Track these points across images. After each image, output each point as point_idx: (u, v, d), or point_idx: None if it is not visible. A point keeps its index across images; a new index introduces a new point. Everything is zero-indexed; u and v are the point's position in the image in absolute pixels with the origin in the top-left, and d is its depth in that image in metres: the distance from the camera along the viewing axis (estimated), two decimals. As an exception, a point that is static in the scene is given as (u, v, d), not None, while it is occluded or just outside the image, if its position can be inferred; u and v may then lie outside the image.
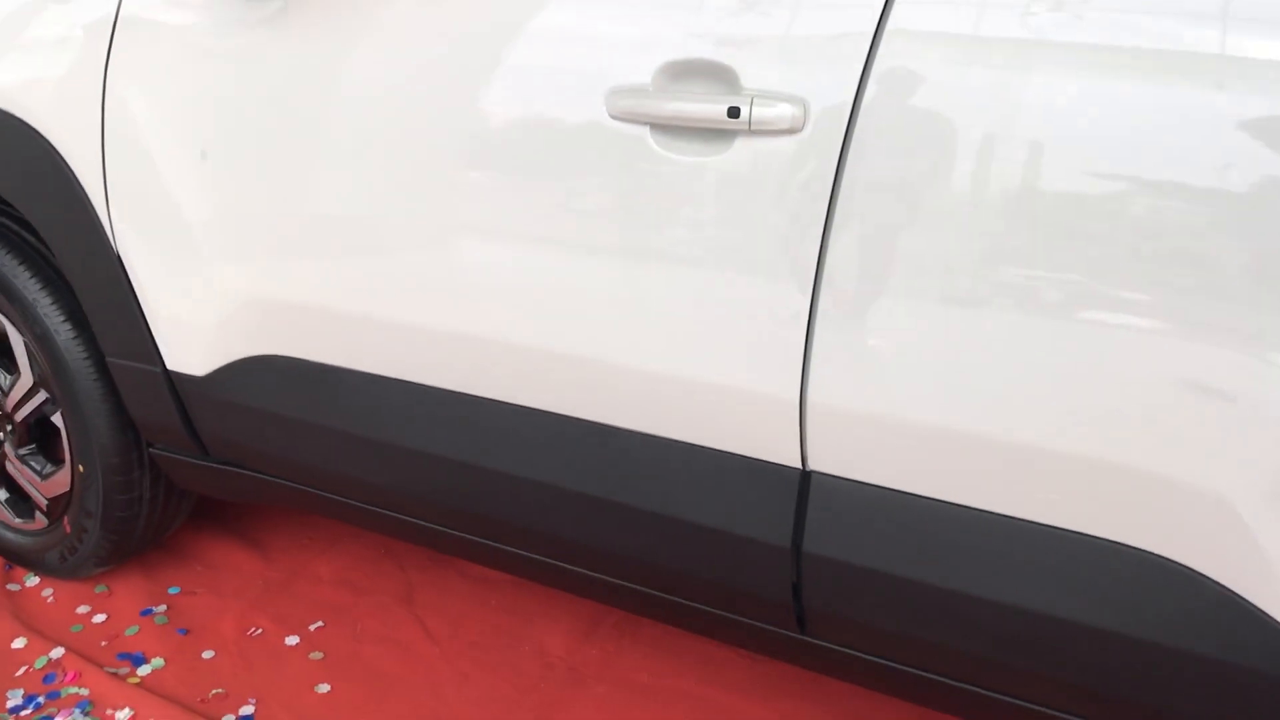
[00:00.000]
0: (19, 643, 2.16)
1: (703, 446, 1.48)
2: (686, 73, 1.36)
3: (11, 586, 2.34)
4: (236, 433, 1.92)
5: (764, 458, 1.45)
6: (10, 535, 2.34)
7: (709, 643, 2.13)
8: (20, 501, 2.31)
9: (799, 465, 1.43)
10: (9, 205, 2.06)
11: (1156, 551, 1.26)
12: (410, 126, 1.58)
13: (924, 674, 1.50)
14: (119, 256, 1.87)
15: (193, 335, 1.87)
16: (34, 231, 2.06)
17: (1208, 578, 1.23)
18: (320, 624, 2.22)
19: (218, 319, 1.83)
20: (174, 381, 1.93)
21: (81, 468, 2.12)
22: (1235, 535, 1.20)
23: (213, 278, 1.81)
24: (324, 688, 2.06)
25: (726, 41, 1.35)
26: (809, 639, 1.56)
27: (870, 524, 1.41)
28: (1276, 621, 1.19)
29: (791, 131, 1.31)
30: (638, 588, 1.68)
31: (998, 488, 1.32)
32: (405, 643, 2.17)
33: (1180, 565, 1.24)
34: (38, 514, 2.27)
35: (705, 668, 2.09)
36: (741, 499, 1.47)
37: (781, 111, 1.31)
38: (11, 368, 2.18)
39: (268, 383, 1.83)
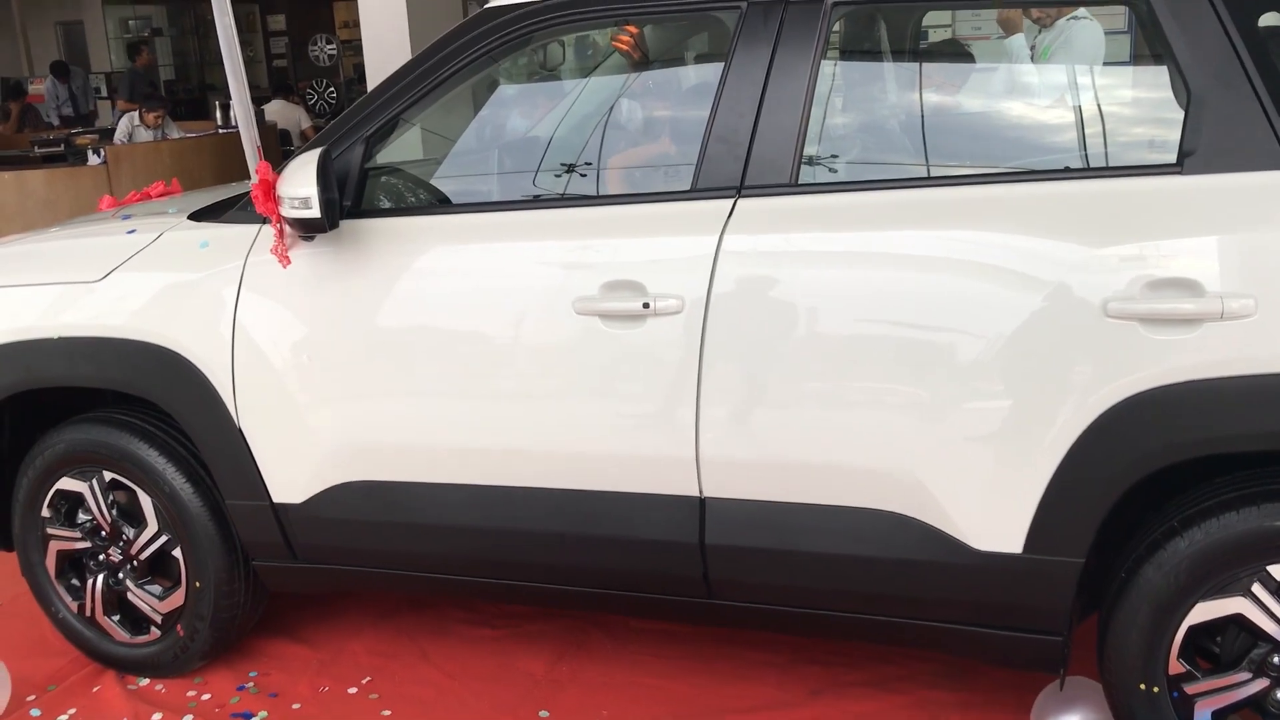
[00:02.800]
0: (156, 716, 3.04)
1: (646, 493, 2.61)
2: (618, 285, 2.54)
3: (130, 687, 3.21)
4: (326, 538, 2.93)
5: (679, 493, 2.59)
6: (125, 651, 3.21)
7: (650, 651, 3.20)
8: (134, 623, 3.20)
9: (698, 494, 2.57)
10: (144, 407, 3.04)
11: (892, 509, 2.45)
12: (444, 330, 2.70)
13: (787, 609, 2.63)
14: (240, 430, 2.89)
15: (294, 476, 2.89)
16: (161, 423, 3.04)
17: (912, 517, 2.43)
18: (369, 678, 3.19)
19: (312, 464, 2.86)
20: (277, 510, 2.93)
21: (198, 584, 3.06)
22: (924, 496, 2.41)
23: (309, 438, 2.84)
24: (386, 712, 3.02)
25: (637, 265, 2.55)
26: (717, 601, 2.67)
27: (742, 521, 2.55)
28: (937, 528, 2.39)
29: (677, 313, 2.50)
30: (609, 592, 2.77)
31: (810, 487, 2.49)
32: (432, 681, 3.16)
33: (900, 513, 2.44)
34: (152, 629, 3.17)
35: (652, 665, 3.15)
36: (670, 518, 2.60)
37: (670, 303, 2.50)
38: (138, 522, 3.11)
39: (350, 500, 2.86)
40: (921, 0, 2.72)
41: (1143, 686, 2.38)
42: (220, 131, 9.98)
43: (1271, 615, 2.28)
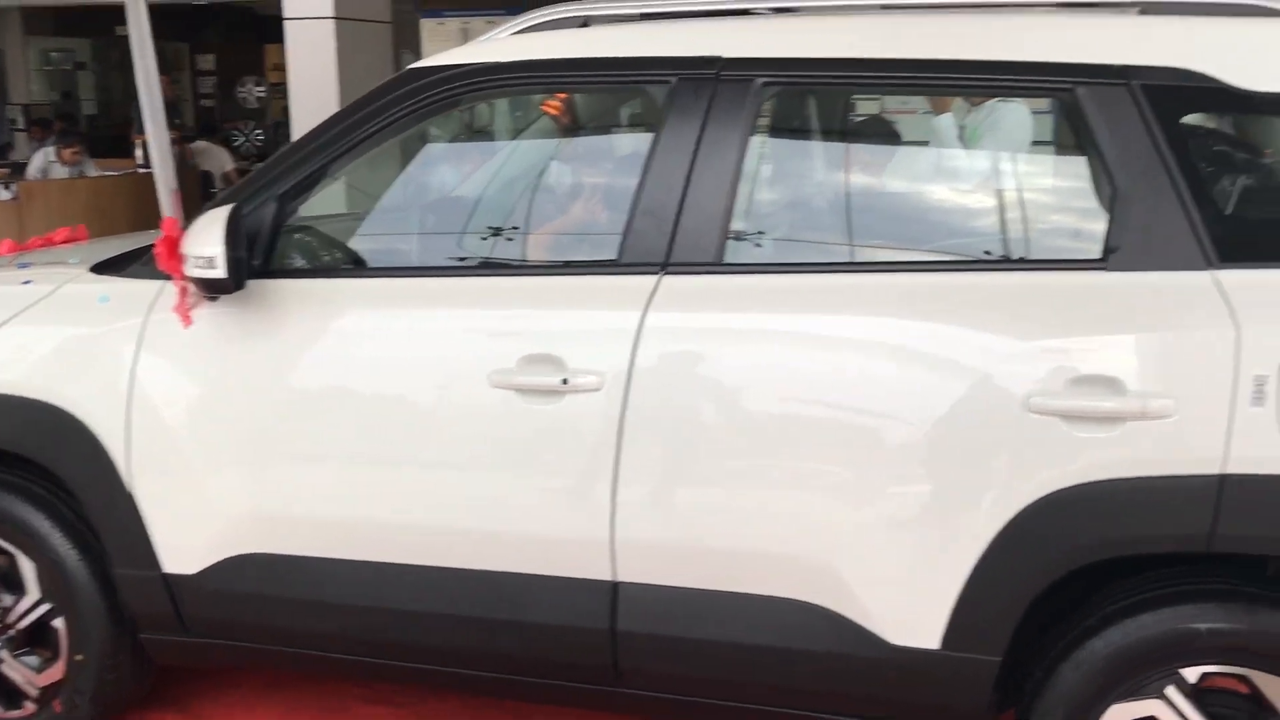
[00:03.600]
0: (28, 798, 2.84)
1: (557, 576, 2.51)
2: (536, 359, 2.46)
3: (2, 764, 3.00)
4: (219, 612, 2.78)
5: (591, 576, 2.49)
6: (-5, 726, 3.02)
7: None
8: (7, 696, 3.00)
9: (611, 578, 2.48)
10: (30, 468, 2.87)
11: (808, 599, 2.38)
12: (352, 400, 2.59)
13: (698, 700, 2.54)
14: (131, 495, 2.74)
15: (187, 546, 2.74)
16: (49, 487, 2.87)
17: (828, 608, 2.36)
18: (257, 764, 3.03)
19: (207, 533, 2.72)
20: (169, 581, 2.77)
21: (80, 656, 2.88)
22: (841, 587, 2.35)
23: (206, 507, 2.70)
24: (276, 797, 2.86)
25: (556, 339, 2.47)
26: (625, 690, 2.58)
27: (656, 607, 2.47)
28: (852, 620, 2.33)
29: (596, 390, 2.43)
30: (514, 677, 2.65)
31: (726, 573, 2.41)
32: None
33: (815, 604, 2.37)
34: (26, 703, 2.97)
35: None
36: (581, 603, 2.50)
37: (588, 379, 2.43)
38: (17, 589, 2.93)
39: (247, 573, 2.72)
40: (849, 84, 2.69)
41: (1058, 788, 2.33)
42: (140, 170, 9.76)
43: (1183, 718, 2.25)
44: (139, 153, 10.21)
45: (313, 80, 7.03)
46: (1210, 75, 2.26)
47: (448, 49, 10.22)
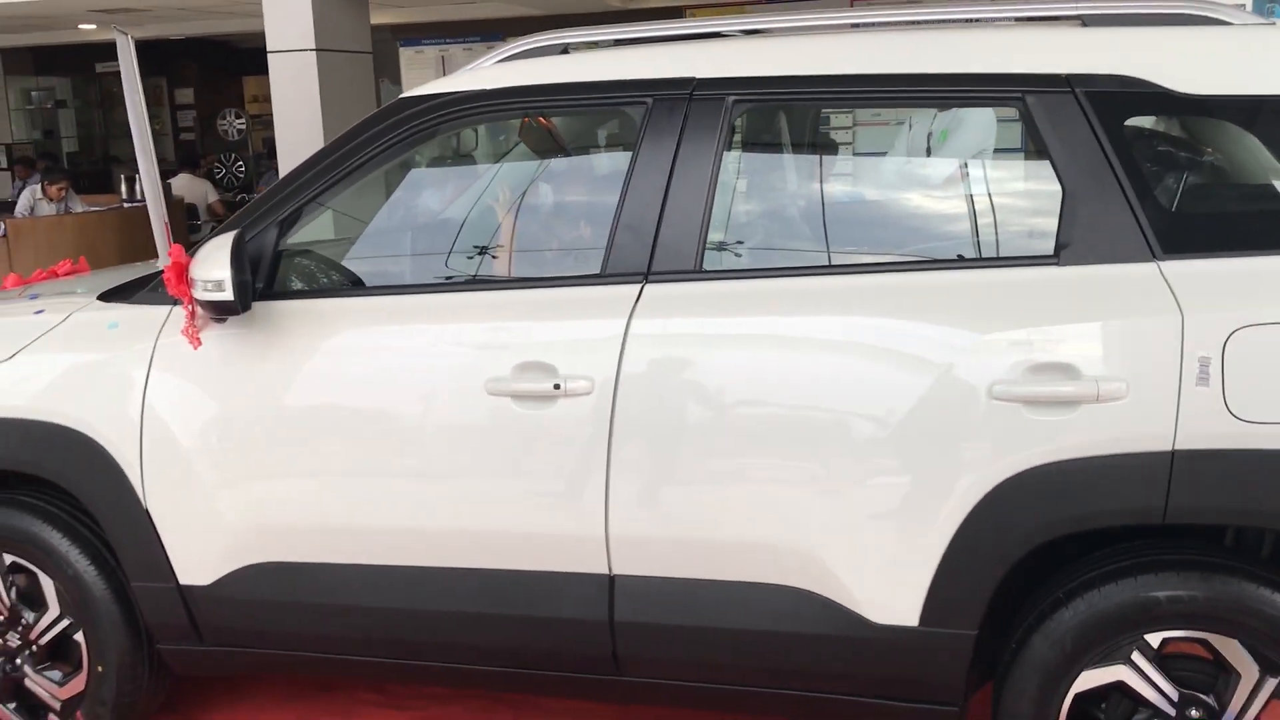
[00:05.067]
0: (53, 807, 2.96)
1: (557, 571, 2.65)
2: (529, 367, 2.61)
3: (25, 777, 3.12)
4: (233, 620, 2.91)
5: (589, 570, 2.64)
6: (21, 741, 3.13)
7: None
8: (31, 711, 3.12)
9: (607, 571, 2.63)
10: (48, 489, 3.00)
11: (794, 584, 2.52)
12: (357, 412, 2.74)
13: (694, 684, 2.68)
14: (147, 511, 2.87)
15: (201, 558, 2.87)
16: (67, 507, 3.00)
17: (814, 592, 2.51)
18: (275, 763, 3.15)
19: (220, 545, 2.85)
20: (184, 592, 2.90)
21: (100, 668, 3.00)
22: (825, 571, 2.50)
23: (218, 519, 2.84)
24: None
25: (548, 349, 2.62)
26: (625, 678, 2.71)
27: (650, 597, 2.61)
28: (838, 603, 2.48)
29: (587, 394, 2.57)
30: (519, 670, 2.79)
31: (716, 563, 2.56)
32: (340, 764, 3.14)
33: (802, 589, 2.52)
34: (50, 716, 3.09)
35: None
36: (580, 596, 2.64)
37: (580, 384, 2.58)
38: (39, 606, 3.05)
39: (259, 581, 2.85)
40: (814, 99, 2.85)
41: (1034, 753, 2.47)
42: (125, 206, 9.88)
43: (1149, 681, 2.40)
44: (124, 188, 10.35)
45: (297, 110, 7.16)
46: (1150, 80, 2.43)
47: (426, 76, 10.42)
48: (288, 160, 7.25)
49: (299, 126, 7.18)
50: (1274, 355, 2.24)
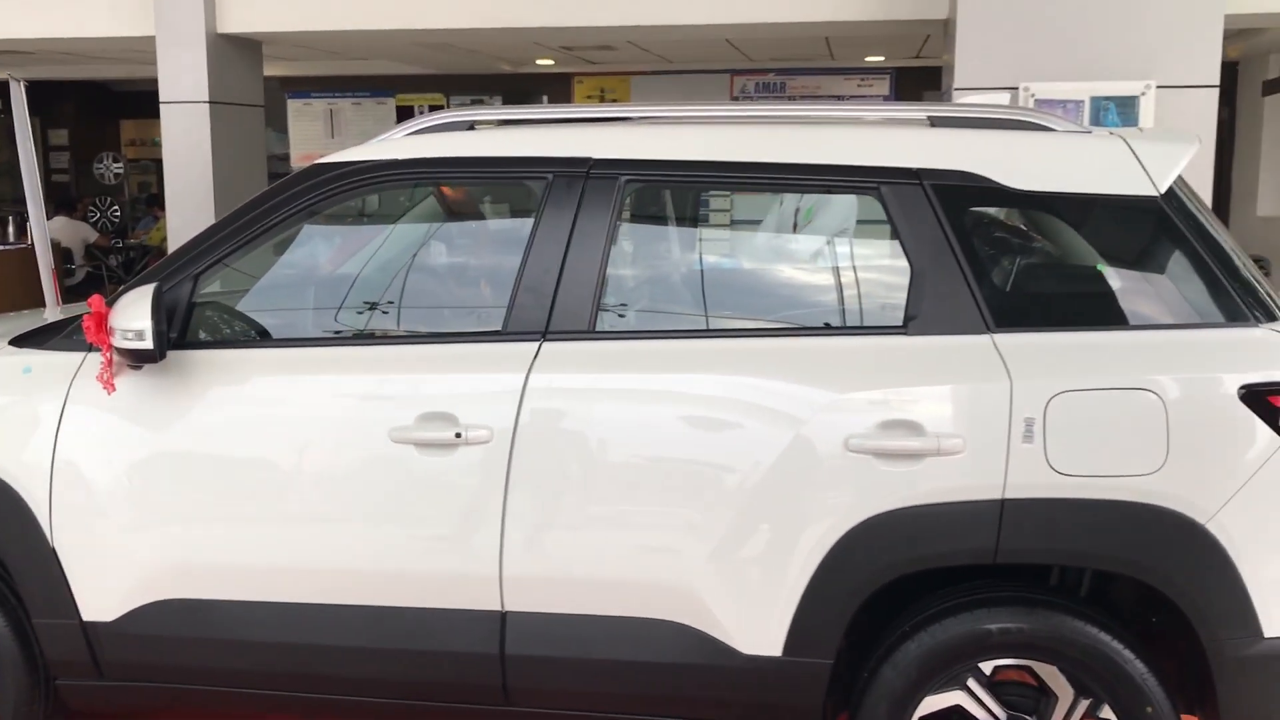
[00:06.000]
0: (-56, 842, 3.00)
1: (452, 608, 2.86)
2: (432, 417, 2.83)
3: (-88, 814, 3.15)
4: (136, 655, 3.02)
5: (482, 608, 2.85)
6: (-92, 777, 3.17)
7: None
8: (-79, 748, 3.16)
9: (500, 608, 2.84)
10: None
11: (672, 619, 2.78)
12: (266, 456, 2.91)
13: (579, 713, 2.90)
14: (54, 549, 2.98)
15: (107, 594, 2.99)
16: (-31, 543, 3.08)
17: (689, 625, 2.77)
18: (168, 797, 3.24)
19: (126, 582, 2.97)
20: (86, 628, 3.01)
21: (-5, 705, 3.08)
22: (700, 606, 2.76)
23: (124, 557, 2.96)
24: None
25: (450, 399, 2.84)
26: (514, 708, 2.92)
27: (539, 632, 2.83)
28: (711, 635, 2.74)
29: (485, 442, 2.80)
30: (414, 703, 2.97)
31: (600, 599, 2.79)
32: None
33: (679, 622, 2.77)
34: (-60, 753, 3.14)
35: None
36: (473, 631, 2.85)
37: (479, 433, 2.81)
38: (-66, 642, 3.11)
39: (162, 617, 2.98)
40: (697, 181, 3.15)
41: (883, 772, 2.76)
42: (1, 248, 9.72)
43: (983, 704, 2.72)
44: (-2, 229, 10.18)
45: (188, 160, 7.25)
46: (985, 176, 2.80)
47: (313, 128, 10.50)
48: (177, 208, 7.32)
49: (189, 176, 7.26)
50: (1085, 417, 2.61)
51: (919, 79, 10.95)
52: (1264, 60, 9.60)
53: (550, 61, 10.91)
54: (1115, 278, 2.76)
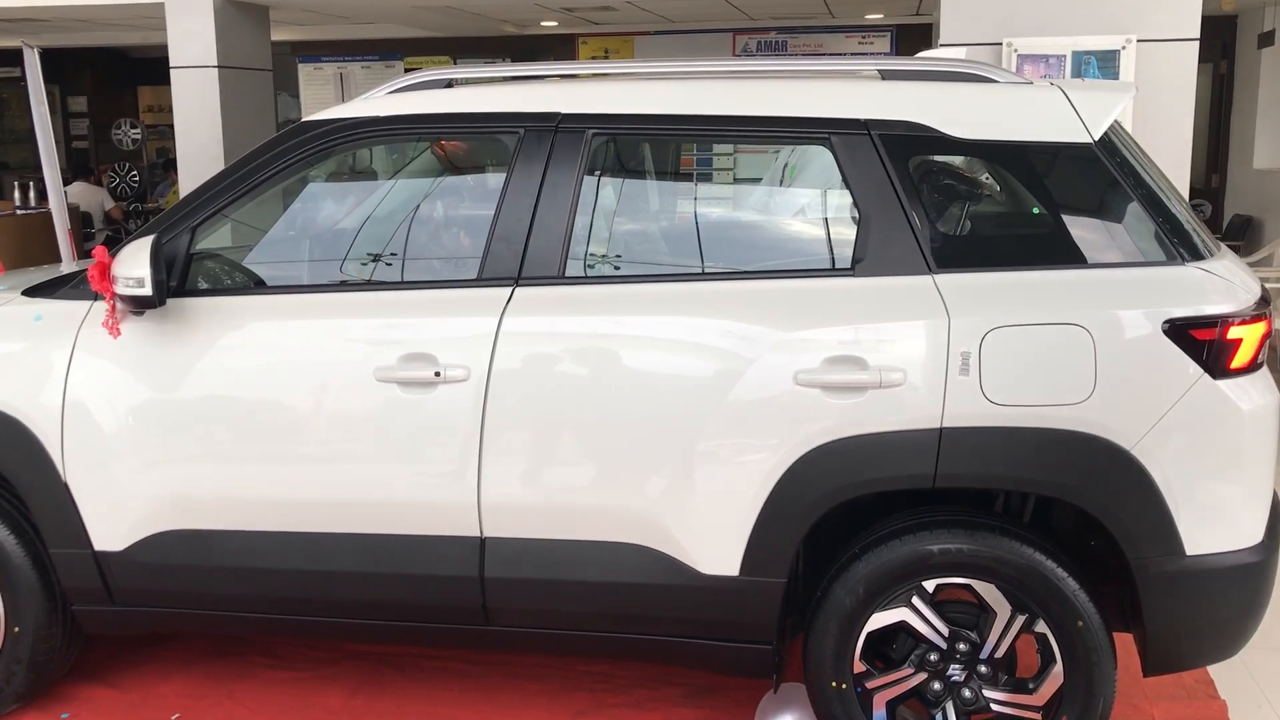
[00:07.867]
0: (-28, 754, 3.26)
1: (435, 535, 3.07)
2: (413, 358, 3.03)
3: (-57, 730, 3.41)
4: (143, 582, 3.25)
5: (463, 534, 3.06)
6: (-63, 697, 3.42)
7: (439, 685, 3.61)
8: (-53, 671, 3.42)
9: (479, 534, 3.06)
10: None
11: (634, 541, 2.98)
12: (259, 395, 3.12)
13: (552, 631, 3.12)
14: (66, 484, 3.21)
15: (115, 526, 3.22)
16: (-11, 481, 3.32)
17: (653, 548, 2.97)
18: (177, 716, 3.49)
19: (133, 515, 3.20)
20: (98, 557, 3.24)
21: (16, 629, 3.32)
22: (663, 530, 2.96)
23: (131, 491, 3.19)
24: (194, 743, 3.34)
25: (430, 340, 3.04)
26: (493, 627, 3.14)
27: (515, 556, 3.05)
28: (674, 557, 2.94)
29: (463, 380, 3.01)
30: (402, 624, 3.20)
31: (570, 525, 3.00)
32: (237, 718, 3.49)
33: (644, 545, 2.98)
34: (-34, 674, 3.40)
35: (442, 696, 3.57)
36: (455, 555, 3.07)
37: (457, 372, 3.01)
38: (-43, 573, 3.36)
39: (168, 546, 3.21)
40: (660, 134, 3.32)
41: (834, 684, 2.97)
42: (19, 213, 9.97)
43: (926, 620, 2.92)
44: (17, 195, 10.43)
45: (198, 124, 7.45)
46: (930, 126, 2.96)
47: (324, 91, 10.67)
48: (189, 171, 7.53)
49: (200, 140, 7.47)
50: (1018, 350, 2.79)
51: (919, 36, 11.03)
52: (1260, 13, 9.63)
53: (554, 23, 11.04)
54: (1051, 221, 2.92)
